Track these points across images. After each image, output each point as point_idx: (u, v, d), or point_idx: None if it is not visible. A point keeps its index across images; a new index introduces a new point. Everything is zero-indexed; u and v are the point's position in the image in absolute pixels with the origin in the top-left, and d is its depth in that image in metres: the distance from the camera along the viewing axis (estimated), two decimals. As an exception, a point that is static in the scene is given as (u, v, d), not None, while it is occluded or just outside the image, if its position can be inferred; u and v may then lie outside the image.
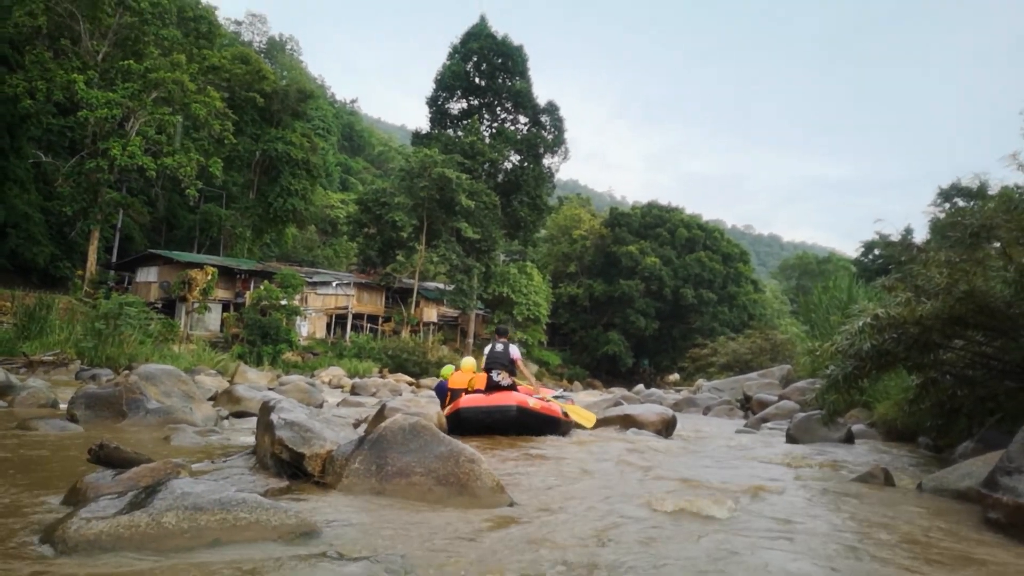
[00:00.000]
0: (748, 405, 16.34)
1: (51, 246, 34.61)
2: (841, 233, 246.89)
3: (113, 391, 7.79)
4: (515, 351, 9.43)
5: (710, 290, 56.38)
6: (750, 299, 58.46)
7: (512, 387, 9.06)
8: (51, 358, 16.76)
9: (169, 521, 3.20)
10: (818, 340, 13.50)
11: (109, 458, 4.45)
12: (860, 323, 6.49)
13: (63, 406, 8.31)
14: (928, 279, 6.34)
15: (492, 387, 9.05)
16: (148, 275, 36.96)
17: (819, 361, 9.85)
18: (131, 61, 31.39)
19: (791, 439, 9.32)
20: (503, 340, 9.57)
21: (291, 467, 4.81)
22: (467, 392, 9.25)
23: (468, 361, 10.18)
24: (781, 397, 14.74)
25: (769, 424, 12.24)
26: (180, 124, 32.58)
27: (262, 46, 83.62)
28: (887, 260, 23.06)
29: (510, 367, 9.24)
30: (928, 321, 6.10)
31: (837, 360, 7.03)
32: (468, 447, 4.58)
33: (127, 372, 10.89)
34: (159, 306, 33.22)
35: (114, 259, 38.43)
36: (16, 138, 33.79)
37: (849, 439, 8.97)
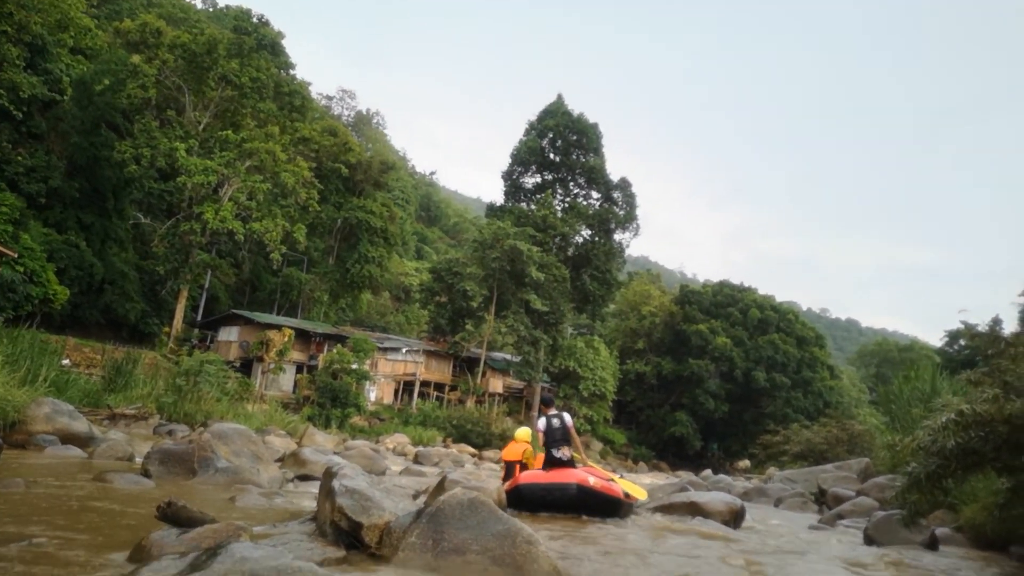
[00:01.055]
0: (823, 499, 15.50)
1: (142, 303, 36.47)
2: (924, 321, 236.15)
3: (186, 448, 8.04)
4: (568, 419, 9.22)
5: (783, 374, 54.47)
6: (826, 385, 56.11)
7: (571, 462, 8.89)
8: (133, 412, 17.40)
9: (227, 585, 3.26)
10: (898, 433, 12.84)
11: (176, 516, 4.58)
12: (944, 419, 6.16)
13: (139, 460, 8.61)
14: (1018, 376, 6.01)
15: (554, 462, 8.89)
16: (229, 334, 38.34)
17: (899, 456, 9.34)
18: (229, 131, 33.55)
19: (869, 540, 8.78)
20: (554, 412, 9.38)
21: (349, 536, 4.83)
22: (521, 464, 9.13)
23: (523, 431, 10.07)
24: (859, 492, 13.94)
25: (845, 521, 11.57)
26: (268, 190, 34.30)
27: (350, 119, 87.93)
28: (973, 352, 21.96)
29: (568, 440, 9.07)
30: (1018, 420, 5.75)
31: (919, 457, 6.67)
32: (526, 527, 4.51)
33: (201, 429, 11.22)
34: (237, 365, 34.30)
35: (199, 317, 40.12)
36: (119, 200, 36.22)
37: (933, 544, 8.39)
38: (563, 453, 8.90)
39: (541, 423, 9.32)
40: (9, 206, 27.61)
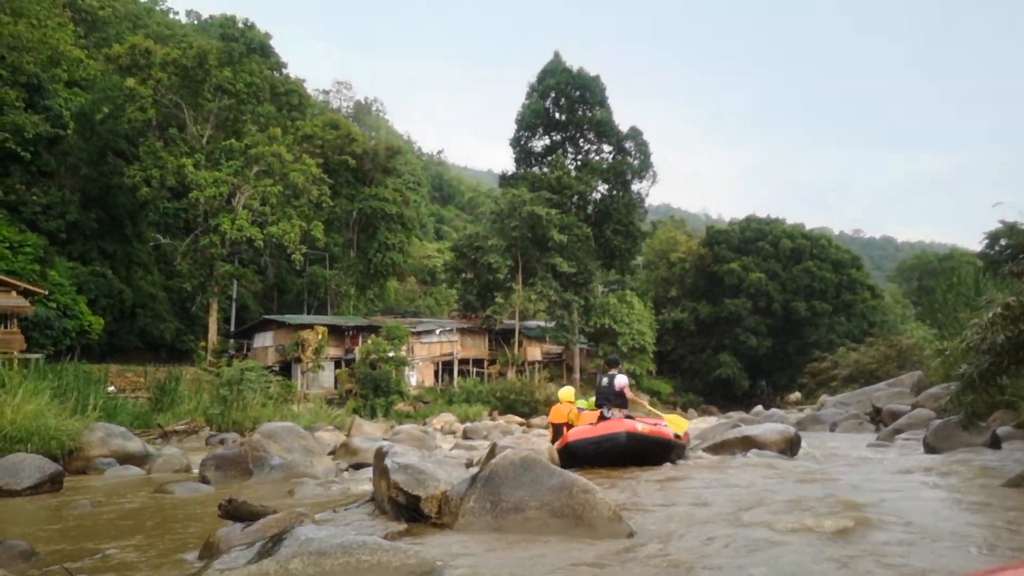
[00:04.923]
0: (878, 418, 15.35)
1: (175, 321, 37.04)
2: (962, 228, 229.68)
3: (239, 451, 8.16)
4: (620, 380, 9.18)
5: (823, 301, 53.74)
6: (868, 306, 55.25)
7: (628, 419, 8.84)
8: (183, 427, 17.77)
9: (295, 567, 3.28)
10: (946, 340, 12.61)
11: (238, 512, 4.64)
12: (991, 314, 6.01)
13: (195, 470, 8.77)
14: (1064, 260, 5.82)
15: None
16: (264, 340, 38.83)
17: (951, 362, 9.17)
18: (232, 140, 33.65)
19: (929, 448, 8.67)
20: (611, 372, 9.38)
21: (408, 510, 4.86)
22: (568, 426, 9.10)
23: (567, 391, 10.01)
24: (914, 406, 13.77)
25: (904, 435, 11.44)
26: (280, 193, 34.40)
27: (349, 111, 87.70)
28: (1016, 249, 21.41)
29: (618, 400, 9.03)
30: (1070, 305, 5.59)
31: (970, 357, 6.53)
32: (581, 478, 4.49)
33: (251, 433, 11.39)
34: (276, 369, 34.76)
35: (232, 328, 40.65)
36: (137, 224, 36.68)
37: (995, 443, 8.26)
38: (612, 413, 8.86)
39: (603, 381, 9.36)
40: (32, 245, 28.09)
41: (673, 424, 8.78)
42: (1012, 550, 3.19)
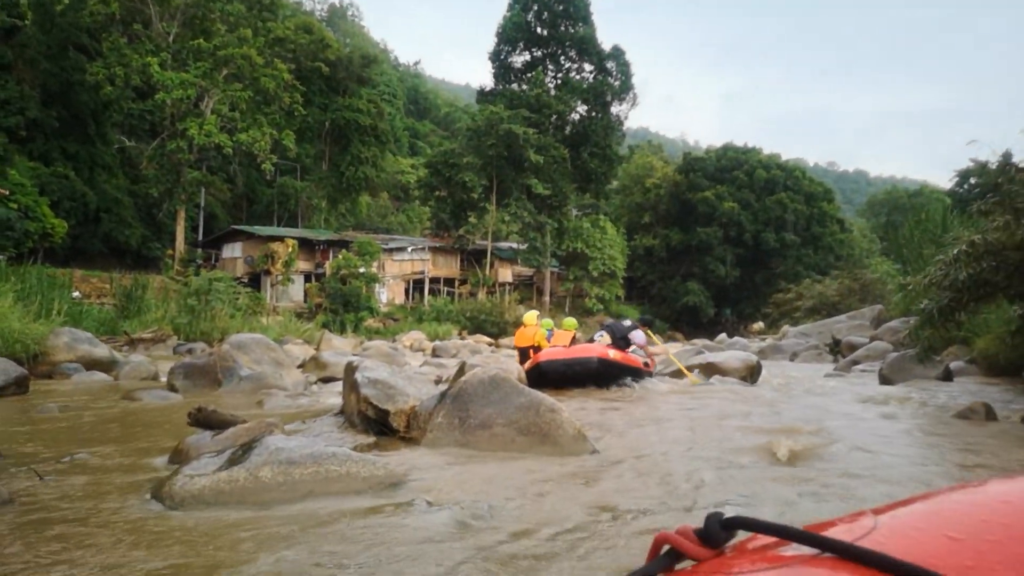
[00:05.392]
0: (837, 349, 15.81)
1: (141, 228, 36.26)
2: (933, 165, 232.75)
3: (208, 361, 8.17)
4: (638, 336, 9.33)
5: (793, 233, 54.37)
6: (836, 239, 56.06)
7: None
8: (150, 335, 17.66)
9: (265, 475, 3.34)
10: (911, 276, 12.89)
11: (207, 421, 4.67)
12: (955, 251, 6.13)
13: (163, 378, 8.78)
14: (1031, 201, 5.91)
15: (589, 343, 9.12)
16: (233, 251, 38.34)
17: (912, 297, 9.41)
18: (200, 40, 32.16)
19: (884, 380, 8.97)
20: (633, 322, 9.71)
21: (377, 424, 4.94)
22: (534, 349, 9.25)
23: (531, 315, 10.10)
24: (872, 339, 14.19)
25: (860, 367, 11.82)
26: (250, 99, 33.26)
27: (323, 14, 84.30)
28: (984, 188, 21.70)
29: (621, 342, 9.12)
30: (1032, 246, 5.71)
31: (931, 293, 6.68)
32: (548, 397, 4.59)
33: (219, 343, 11.38)
34: (245, 280, 34.44)
35: (200, 237, 39.97)
36: (100, 124, 35.33)
37: (947, 377, 8.58)
38: (602, 337, 9.13)
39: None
40: (-9, 143, 27.06)
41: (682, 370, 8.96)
42: (956, 479, 3.35)
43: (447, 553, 2.42)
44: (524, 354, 9.43)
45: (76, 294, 21.40)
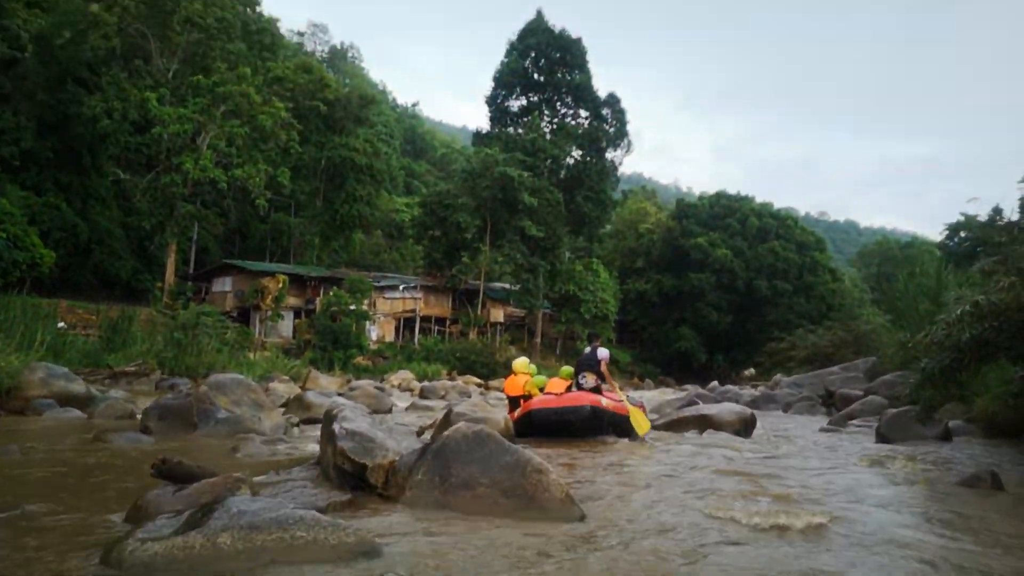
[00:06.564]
0: (831, 401, 15.58)
1: (132, 260, 36.00)
2: (924, 217, 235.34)
3: (184, 402, 7.87)
4: (602, 352, 9.32)
5: (785, 281, 54.55)
6: (828, 289, 56.25)
7: (596, 389, 8.83)
8: (133, 369, 17.30)
9: (224, 541, 3.07)
10: (905, 330, 12.73)
11: (172, 473, 4.39)
12: (959, 311, 5.96)
13: (139, 416, 8.46)
14: (1035, 262, 5.78)
15: (579, 389, 8.93)
16: (224, 285, 38.06)
17: (911, 353, 9.22)
18: (200, 76, 32.40)
19: (882, 438, 8.74)
20: (594, 344, 9.61)
21: (354, 478, 4.67)
22: (524, 399, 9.01)
23: (521, 362, 9.84)
24: (867, 392, 13.96)
25: (856, 421, 11.58)
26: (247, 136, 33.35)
27: (324, 55, 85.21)
28: (976, 243, 21.71)
29: (596, 368, 9.09)
30: (1036, 307, 5.56)
31: (933, 352, 6.51)
32: (535, 457, 4.34)
33: (201, 382, 11.07)
34: (234, 315, 34.12)
35: (191, 270, 39.72)
36: (96, 157, 35.31)
37: (946, 436, 8.35)
38: (586, 379, 8.95)
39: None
40: (-17, 171, 26.92)
41: (637, 425, 8.63)
42: (972, 560, 3.11)
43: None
44: (514, 403, 9.16)
45: (61, 325, 21.05)
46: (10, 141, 30.29)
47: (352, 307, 33.91)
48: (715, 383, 28.82)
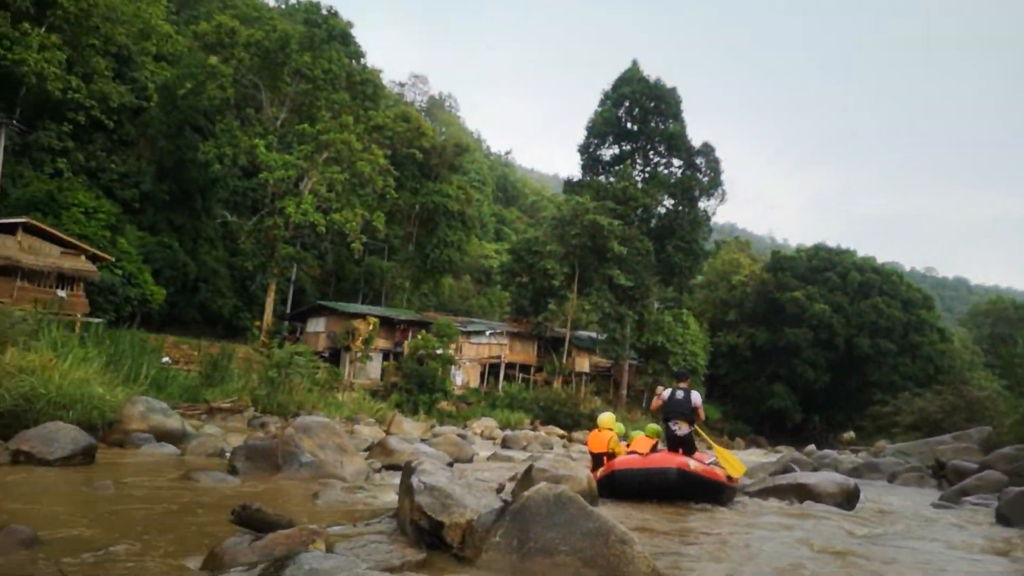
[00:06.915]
0: (941, 473, 14.38)
1: (234, 298, 37.73)
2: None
3: (270, 444, 7.98)
4: (696, 398, 8.86)
5: (889, 339, 51.57)
6: (936, 349, 52.84)
7: (689, 438, 8.48)
8: (229, 405, 17.86)
9: (293, 601, 2.99)
10: (1028, 399, 11.72)
11: (251, 520, 4.39)
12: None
13: (228, 454, 8.63)
14: None
15: (672, 438, 8.61)
16: (317, 325, 39.24)
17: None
18: (305, 125, 34.12)
19: (1003, 519, 7.92)
20: (683, 386, 9.06)
21: (430, 535, 4.53)
22: (608, 456, 8.70)
23: (606, 417, 9.47)
24: (983, 465, 12.82)
25: (971, 498, 10.61)
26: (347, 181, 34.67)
27: (423, 105, 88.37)
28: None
29: (690, 415, 8.68)
30: None
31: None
32: (619, 525, 4.09)
33: (288, 422, 11.26)
34: (326, 355, 35.06)
35: (288, 310, 41.22)
36: (207, 200, 37.54)
37: (1081, 523, 7.48)
38: (680, 427, 8.61)
39: (666, 394, 9.03)
40: (106, 212, 28.96)
41: (728, 465, 8.24)
42: None
43: None
44: (598, 460, 8.85)
45: (166, 359, 22.11)
46: (132, 184, 32.58)
47: (439, 351, 34.25)
48: (812, 447, 27.36)
